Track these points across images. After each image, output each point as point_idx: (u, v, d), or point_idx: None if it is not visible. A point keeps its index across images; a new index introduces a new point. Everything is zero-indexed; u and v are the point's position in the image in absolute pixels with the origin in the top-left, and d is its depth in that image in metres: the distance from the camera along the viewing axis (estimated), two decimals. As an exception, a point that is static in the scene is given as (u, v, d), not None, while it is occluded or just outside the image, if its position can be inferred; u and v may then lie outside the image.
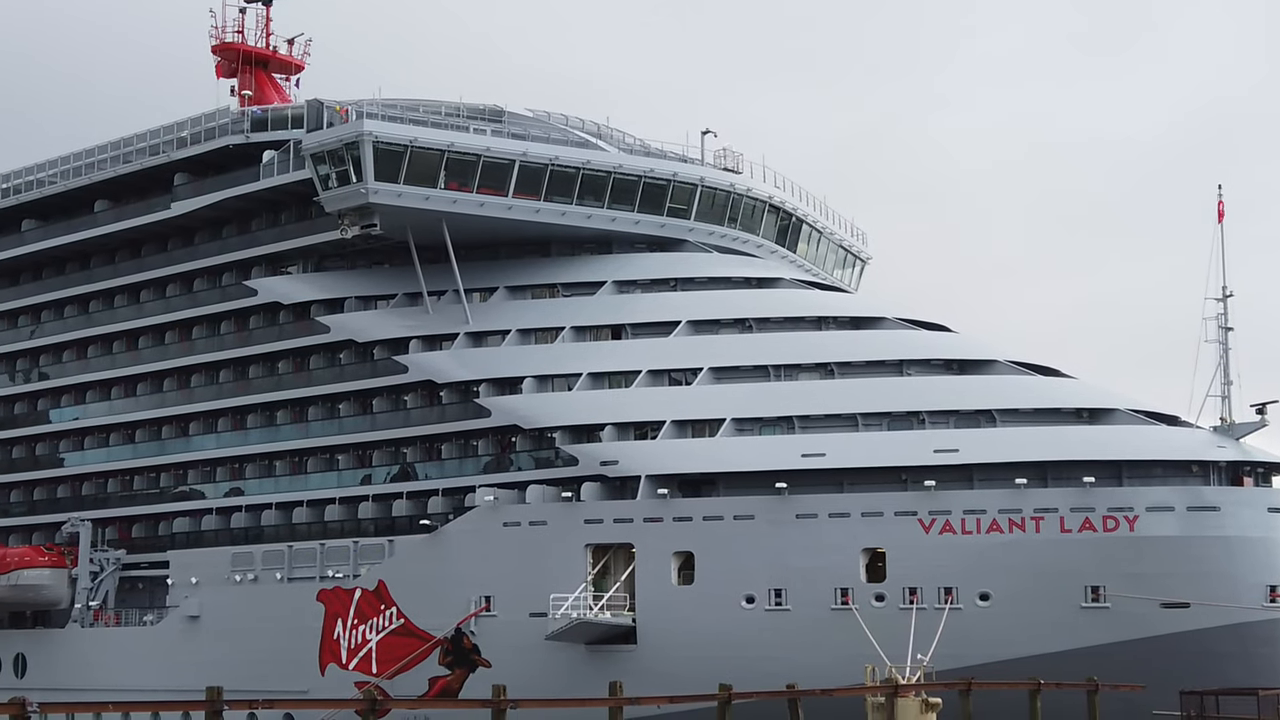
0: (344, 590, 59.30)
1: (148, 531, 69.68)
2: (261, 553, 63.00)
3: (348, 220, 59.98)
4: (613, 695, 25.30)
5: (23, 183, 76.16)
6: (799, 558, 51.23)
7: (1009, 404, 53.13)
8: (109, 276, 72.91)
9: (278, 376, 66.14)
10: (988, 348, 56.68)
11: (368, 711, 22.35)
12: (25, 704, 19.52)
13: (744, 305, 59.31)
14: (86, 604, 68.46)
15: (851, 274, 72.43)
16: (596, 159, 60.96)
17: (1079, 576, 48.91)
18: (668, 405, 56.15)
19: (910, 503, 50.78)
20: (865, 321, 58.36)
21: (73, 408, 73.89)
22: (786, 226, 66.11)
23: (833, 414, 54.35)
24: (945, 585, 49.73)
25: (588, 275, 61.53)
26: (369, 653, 57.80)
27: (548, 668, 52.06)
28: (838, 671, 43.05)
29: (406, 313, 62.46)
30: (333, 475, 63.83)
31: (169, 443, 69.66)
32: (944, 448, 51.65)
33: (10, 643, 70.98)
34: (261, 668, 57.74)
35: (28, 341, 76.08)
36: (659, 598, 52.99)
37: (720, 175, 63.42)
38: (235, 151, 67.05)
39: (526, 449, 58.65)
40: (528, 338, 60.37)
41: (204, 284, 69.20)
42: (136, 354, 71.41)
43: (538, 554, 54.92)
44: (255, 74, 75.26)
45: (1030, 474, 50.30)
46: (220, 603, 63.22)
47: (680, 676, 44.68)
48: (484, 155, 58.90)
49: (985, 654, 46.95)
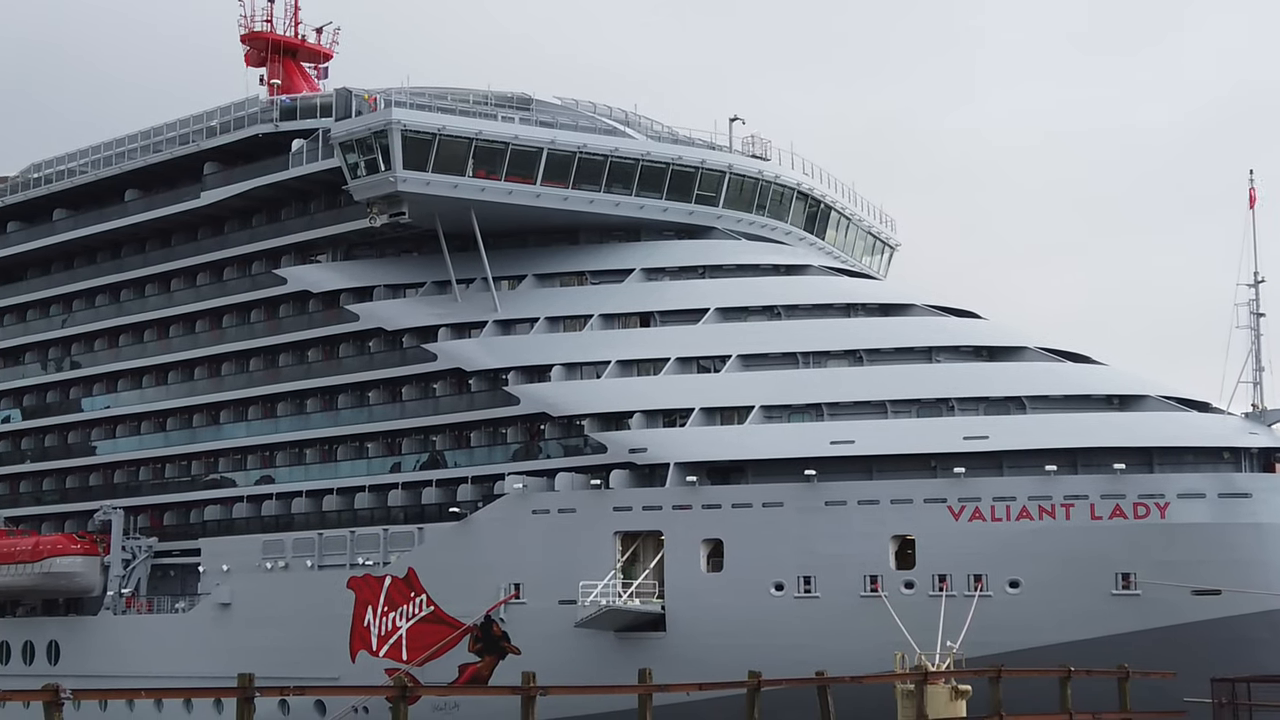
0: (374, 578, 59.50)
1: (179, 519, 70.01)
2: (292, 540, 63.22)
3: (376, 209, 60.14)
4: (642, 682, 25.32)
5: (54, 172, 76.51)
6: (828, 545, 51.17)
7: (1039, 390, 52.95)
8: (139, 266, 73.21)
9: (307, 365, 66.34)
10: (1017, 334, 56.48)
11: (398, 698, 22.42)
12: (58, 691, 19.63)
13: (772, 292, 59.22)
14: (119, 591, 68.83)
15: (880, 261, 72.26)
16: (624, 146, 60.93)
17: (1109, 563, 48.74)
18: (696, 392, 56.13)
19: (940, 490, 50.65)
20: (894, 308, 58.20)
21: (104, 396, 74.22)
22: (815, 213, 65.97)
23: (862, 401, 54.21)
24: (975, 572, 49.61)
25: (616, 263, 61.52)
26: (399, 640, 57.98)
27: (577, 655, 52.15)
28: (867, 659, 43.03)
29: (435, 301, 62.57)
30: (362, 463, 64.01)
31: (200, 431, 69.94)
32: (973, 434, 51.50)
33: (43, 630, 71.44)
34: (293, 655, 57.95)
35: (60, 330, 76.46)
36: (688, 585, 53.01)
37: (748, 162, 63.31)
38: (264, 140, 67.22)
39: (555, 437, 58.72)
40: (556, 325, 60.40)
41: (234, 273, 69.43)
42: (167, 343, 71.70)
43: (567, 541, 54.99)
44: (284, 63, 75.42)
45: (1060, 461, 50.12)
46: (251, 590, 63.48)
47: (709, 664, 44.69)
48: (512, 143, 58.94)
49: (1015, 641, 46.84)
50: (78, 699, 20.41)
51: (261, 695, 21.17)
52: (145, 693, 37.66)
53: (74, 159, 75.82)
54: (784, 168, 64.52)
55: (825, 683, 29.07)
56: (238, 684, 21.07)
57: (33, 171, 78.05)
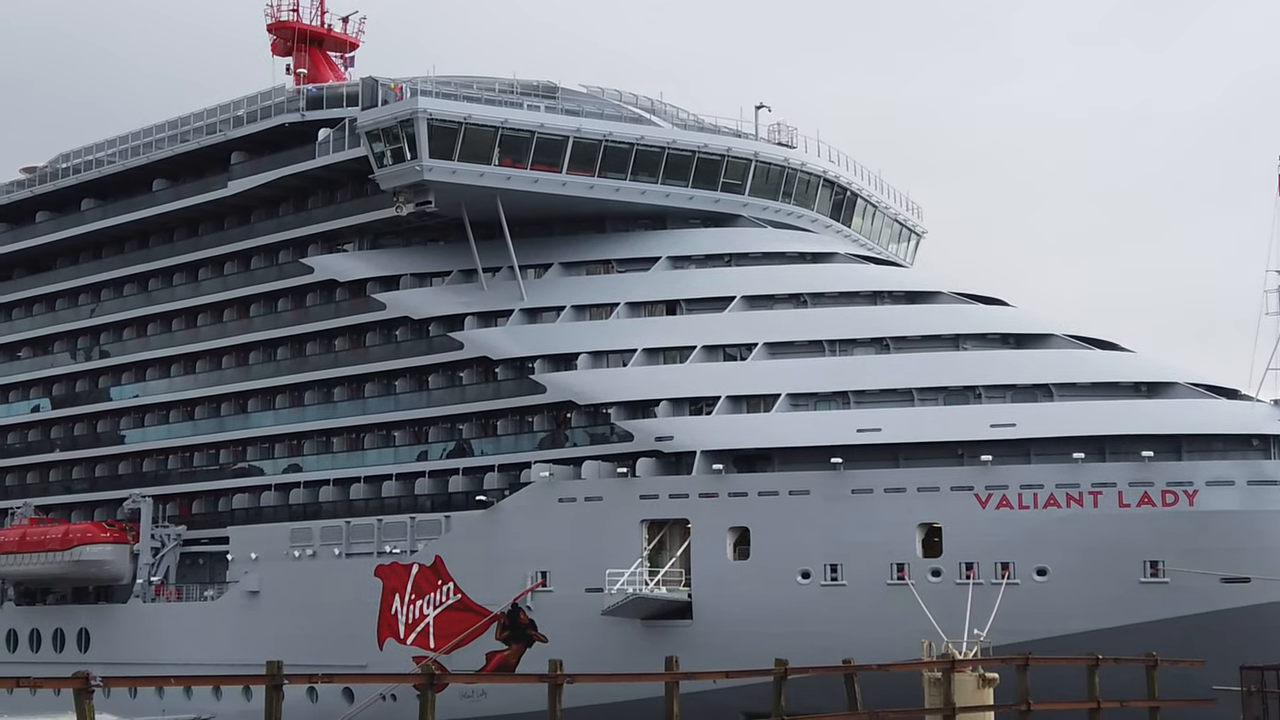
0: (401, 566, 59.66)
1: (207, 508, 70.30)
2: (320, 528, 63.45)
3: (403, 197, 60.20)
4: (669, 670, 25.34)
5: (82, 162, 76.78)
6: (855, 533, 51.14)
7: (1066, 378, 52.77)
8: (167, 255, 73.44)
9: (334, 354, 66.51)
10: (1044, 321, 56.27)
11: (426, 686, 22.48)
12: (89, 678, 19.74)
13: (799, 280, 59.13)
14: (148, 579, 69.16)
15: (907, 248, 72.09)
16: (650, 135, 60.88)
17: (1137, 551, 48.59)
18: (722, 380, 56.10)
19: (967, 477, 50.54)
20: (920, 296, 58.06)
21: (133, 385, 74.51)
22: (841, 201, 65.84)
23: (888, 389, 54.13)
24: (1002, 560, 49.54)
25: (642, 251, 61.50)
26: (426, 628, 58.15)
27: (604, 643, 52.22)
28: (894, 647, 42.94)
29: (461, 289, 62.65)
30: (389, 451, 64.15)
31: (228, 420, 70.18)
32: (1001, 422, 51.38)
33: (73, 617, 71.86)
34: (321, 642, 58.19)
35: (88, 320, 76.80)
36: (714, 573, 53.03)
37: (775, 150, 63.20)
38: (291, 130, 67.35)
39: (582, 425, 58.78)
40: (582, 314, 60.42)
41: (261, 262, 69.61)
42: (195, 332, 71.95)
43: (593, 529, 55.07)
44: (310, 52, 75.53)
45: (1088, 448, 49.95)
46: (279, 578, 63.73)
47: (736, 651, 44.63)
48: (538, 132, 58.94)
49: (1042, 629, 46.72)
50: (107, 686, 20.52)
51: (290, 682, 21.24)
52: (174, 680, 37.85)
53: (102, 149, 76.07)
54: (810, 155, 64.39)
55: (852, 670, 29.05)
56: (266, 671, 21.15)
57: (61, 162, 78.37)
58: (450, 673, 51.71)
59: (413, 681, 24.27)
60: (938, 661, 35.72)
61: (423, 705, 22.49)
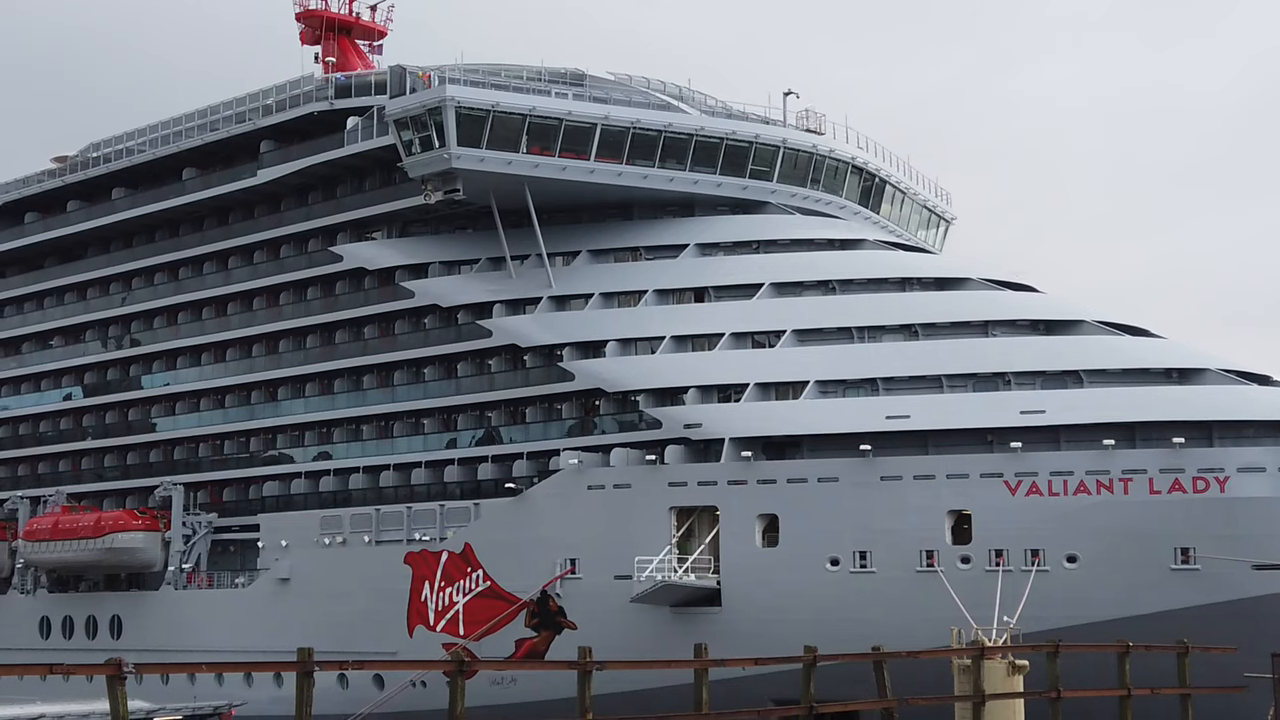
0: (431, 553, 59.83)
1: (238, 495, 70.61)
2: (349, 516, 63.64)
3: (431, 185, 60.27)
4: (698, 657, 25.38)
5: (112, 152, 77.12)
6: (884, 520, 51.06)
7: (1096, 364, 52.55)
8: (197, 244, 73.73)
9: (364, 341, 66.69)
10: (1074, 308, 56.04)
11: (455, 672, 22.55)
12: (121, 664, 19.85)
13: (827, 267, 58.99)
14: (179, 566, 69.53)
15: (935, 235, 71.85)
16: (678, 122, 60.79)
17: (1168, 538, 48.41)
18: (751, 368, 56.04)
19: (996, 464, 50.40)
20: (949, 282, 57.88)
21: (164, 373, 74.87)
22: (870, 188, 65.66)
23: (917, 375, 53.98)
24: (1032, 547, 49.40)
25: (670, 238, 61.46)
26: (456, 615, 58.30)
27: (633, 630, 52.31)
28: (923, 634, 42.88)
29: (490, 277, 62.72)
30: (419, 439, 64.30)
31: (258, 407, 70.46)
32: (1030, 409, 51.20)
33: (106, 604, 72.31)
34: (351, 629, 58.43)
35: (119, 309, 77.17)
36: (743, 560, 53.03)
37: (803, 137, 63.05)
38: (320, 118, 67.50)
39: (610, 412, 58.80)
40: (611, 301, 60.44)
41: (290, 250, 69.83)
42: (225, 320, 72.22)
43: (622, 517, 55.11)
44: (338, 41, 75.69)
45: (1118, 435, 49.75)
46: (310, 565, 64.00)
47: (765, 639, 44.61)
48: (566, 119, 58.93)
49: (1072, 616, 46.62)
50: (140, 673, 20.63)
51: (321, 669, 21.32)
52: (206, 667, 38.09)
53: (132, 138, 76.37)
54: (839, 142, 64.23)
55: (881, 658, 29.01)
56: (297, 658, 21.23)
57: (92, 151, 78.72)
58: (480, 659, 51.84)
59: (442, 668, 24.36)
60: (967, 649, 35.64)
61: (452, 692, 22.55)
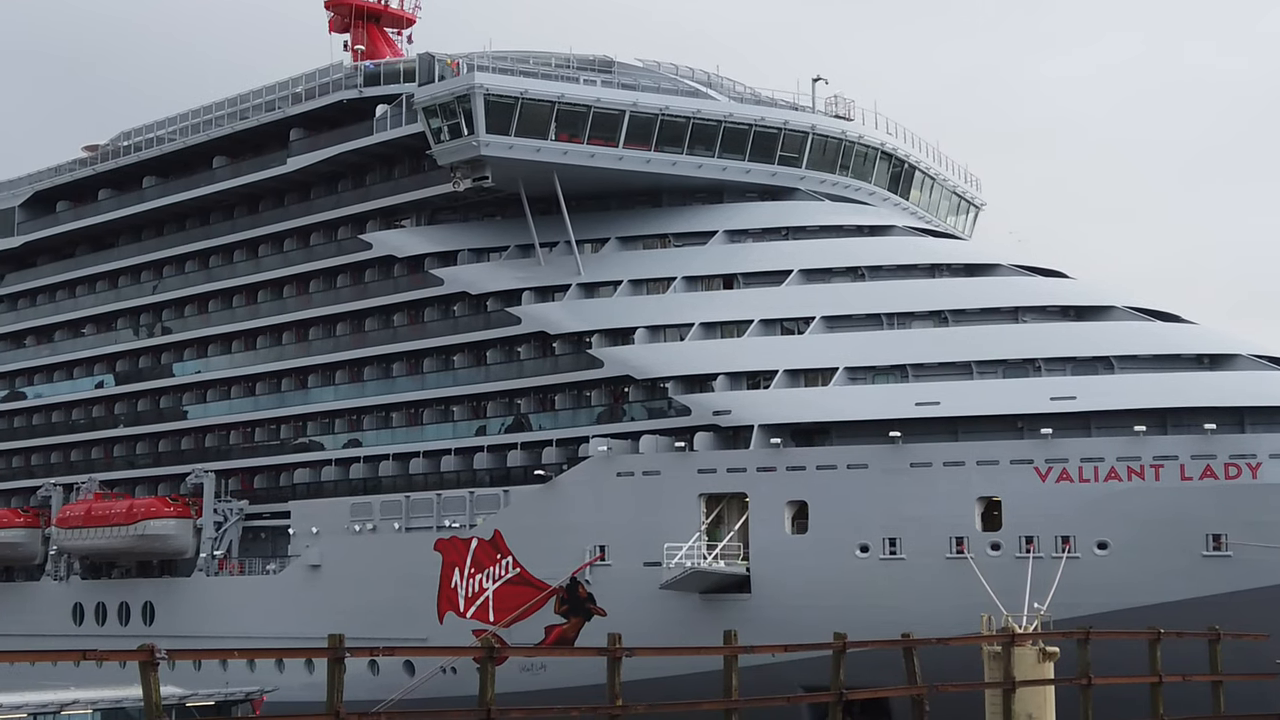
0: (461, 540, 59.98)
1: (269, 482, 70.88)
2: (380, 503, 63.84)
3: (460, 173, 60.32)
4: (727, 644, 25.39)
5: (143, 140, 77.42)
6: (913, 506, 50.95)
7: (1127, 350, 52.30)
8: (228, 232, 73.99)
9: (393, 329, 66.82)
10: (1105, 293, 55.78)
11: (485, 659, 22.60)
12: (154, 650, 19.98)
13: (856, 253, 58.85)
14: (211, 553, 69.87)
15: (965, 220, 71.57)
16: (707, 108, 60.68)
17: (1200, 525, 48.17)
18: (780, 354, 55.96)
19: (1026, 451, 50.23)
20: (979, 268, 57.67)
21: (195, 361, 75.17)
22: (899, 173, 65.44)
23: (947, 362, 53.83)
24: (1062, 534, 49.22)
25: (699, 225, 61.38)
26: (486, 601, 58.46)
27: (662, 617, 52.34)
28: (953, 620, 42.80)
29: (519, 264, 62.76)
30: (448, 426, 64.45)
31: (288, 395, 70.71)
32: (1061, 395, 51.00)
33: (138, 591, 72.73)
34: (381, 616, 58.64)
35: (151, 297, 77.49)
36: (773, 547, 53.01)
37: (832, 123, 62.86)
38: (349, 106, 67.62)
39: (639, 399, 58.80)
40: (639, 288, 60.41)
41: (320, 238, 70.00)
42: (255, 308, 72.46)
43: (651, 504, 55.13)
44: (367, 29, 75.86)
45: (1149, 421, 49.52)
46: (340, 552, 64.23)
47: (794, 625, 44.68)
48: (594, 106, 58.87)
49: (1103, 603, 46.45)
50: (173, 659, 20.76)
51: (352, 655, 21.41)
52: (238, 653, 38.24)
53: (163, 127, 76.65)
54: (868, 128, 64.02)
55: (911, 644, 28.97)
56: (328, 644, 21.32)
57: (122, 140, 79.04)
58: (510, 646, 52.10)
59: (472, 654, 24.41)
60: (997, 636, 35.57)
61: (482, 678, 22.61)
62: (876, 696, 33.04)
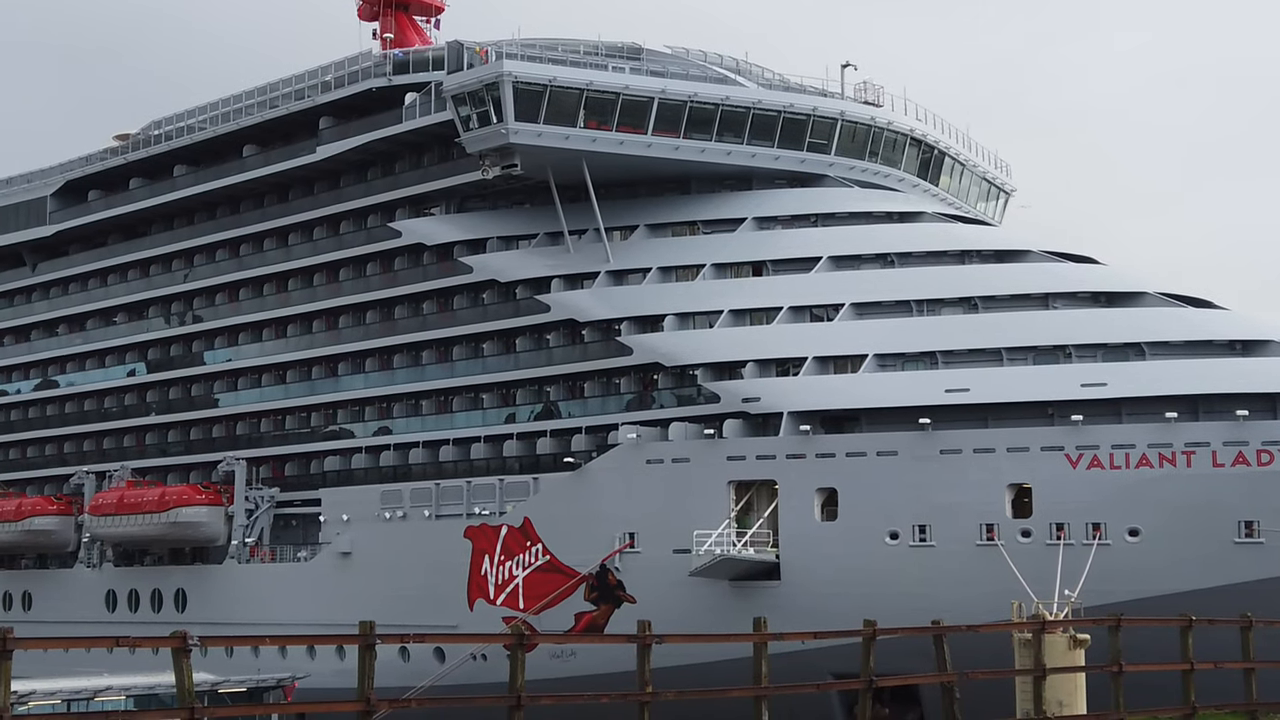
0: (490, 527, 60.12)
1: (300, 470, 71.15)
2: (410, 490, 64.03)
3: (489, 161, 60.40)
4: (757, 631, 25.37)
5: (174, 129, 77.67)
6: (943, 494, 50.85)
7: (1159, 336, 52.04)
8: (258, 220, 74.20)
9: (423, 317, 66.96)
10: (1136, 279, 55.52)
11: (515, 646, 22.65)
12: (186, 637, 20.10)
13: (886, 240, 58.70)
14: (243, 540, 70.20)
15: (995, 207, 71.28)
16: (735, 95, 60.57)
17: (1232, 511, 47.95)
18: (809, 341, 55.91)
19: (1057, 437, 50.06)
20: (1009, 255, 57.46)
21: (225, 349, 75.45)
22: (929, 160, 65.21)
23: (977, 349, 53.66)
24: (1093, 521, 49.05)
25: (728, 212, 61.31)
26: (516, 588, 58.58)
27: (691, 604, 52.36)
28: (983, 607, 42.72)
29: (548, 252, 62.80)
30: (478, 414, 64.57)
31: (319, 383, 70.93)
32: (1091, 381, 50.80)
33: (170, 578, 73.13)
34: (412, 603, 58.81)
35: (182, 285, 77.80)
36: (802, 534, 52.99)
37: (860, 109, 62.66)
38: (378, 95, 67.72)
39: (668, 386, 58.82)
40: (668, 275, 60.39)
41: (350, 226, 70.16)
42: (285, 296, 72.69)
43: (680, 491, 55.16)
44: (396, 17, 75.89)
45: (1181, 408, 49.30)
46: (371, 539, 64.45)
47: (824, 612, 44.63)
48: (623, 93, 58.84)
49: (1134, 590, 46.27)
50: (205, 646, 20.87)
51: (383, 642, 21.48)
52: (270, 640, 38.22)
53: (193, 115, 76.87)
54: (897, 114, 63.79)
55: (941, 632, 28.88)
56: (359, 631, 21.40)
57: (153, 129, 79.31)
58: (540, 633, 52.25)
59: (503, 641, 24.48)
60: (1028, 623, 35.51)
61: (513, 665, 22.65)
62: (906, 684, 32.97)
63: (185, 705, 20.13)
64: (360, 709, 21.08)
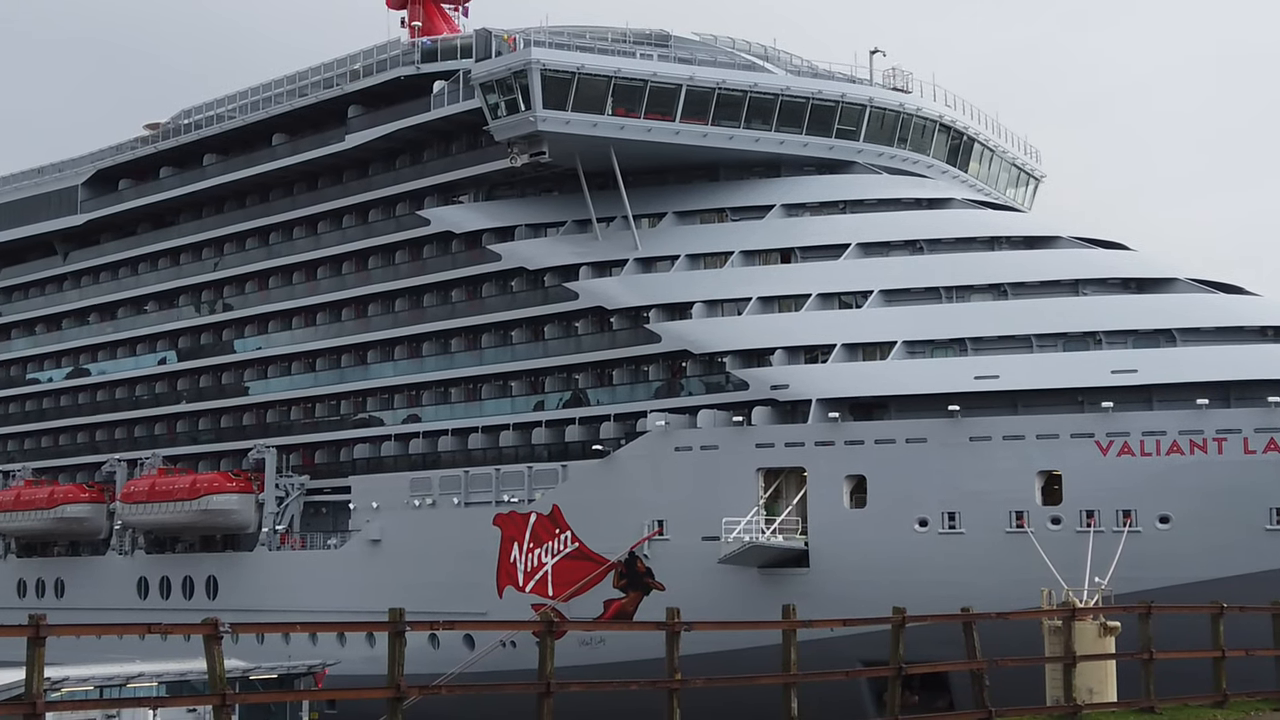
0: (519, 514, 60.21)
1: (329, 458, 71.34)
2: (439, 478, 64.17)
3: (517, 148, 60.39)
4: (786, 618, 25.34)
5: (203, 118, 77.89)
6: (972, 481, 50.71)
7: (1190, 323, 51.78)
8: (287, 209, 74.37)
9: (451, 305, 67.06)
10: (1167, 265, 55.23)
11: (545, 633, 22.68)
12: (218, 624, 20.19)
13: (914, 226, 58.51)
14: (273, 528, 70.47)
15: (1024, 193, 70.97)
16: (764, 82, 60.43)
17: (1263, 498, 47.73)
18: (838, 328, 55.80)
19: (1087, 424, 49.86)
20: (1039, 241, 57.23)
21: (255, 338, 75.67)
22: (957, 146, 64.96)
23: (1006, 335, 53.46)
24: (1123, 508, 48.86)
25: (756, 199, 61.19)
26: (545, 576, 58.66)
27: (720, 591, 52.38)
28: (1013, 595, 42.66)
29: (576, 240, 62.81)
30: (506, 401, 64.63)
31: (348, 371, 71.08)
32: (1122, 368, 50.58)
33: (201, 565, 73.47)
34: (441, 590, 58.98)
35: (211, 274, 78.07)
36: (831, 521, 52.93)
37: (889, 95, 62.45)
38: (406, 83, 67.78)
39: (697, 374, 58.80)
40: (697, 263, 60.32)
41: (378, 215, 70.27)
42: (315, 284, 72.85)
43: (709, 478, 55.15)
44: (424, 5, 75.88)
45: (1212, 394, 49.04)
46: (400, 527, 64.62)
47: (853, 600, 44.63)
48: (651, 80, 58.77)
49: (1165, 577, 46.10)
50: (236, 632, 20.95)
51: (412, 629, 21.52)
52: (300, 627, 38.48)
53: (222, 105, 77.06)
54: (925, 100, 63.55)
55: (971, 619, 28.80)
56: (389, 618, 21.45)
57: (183, 118, 79.57)
58: (569, 620, 52.35)
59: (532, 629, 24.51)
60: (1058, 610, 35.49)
61: (542, 652, 22.69)
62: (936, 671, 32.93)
63: (217, 691, 20.23)
64: (391, 695, 21.16)
